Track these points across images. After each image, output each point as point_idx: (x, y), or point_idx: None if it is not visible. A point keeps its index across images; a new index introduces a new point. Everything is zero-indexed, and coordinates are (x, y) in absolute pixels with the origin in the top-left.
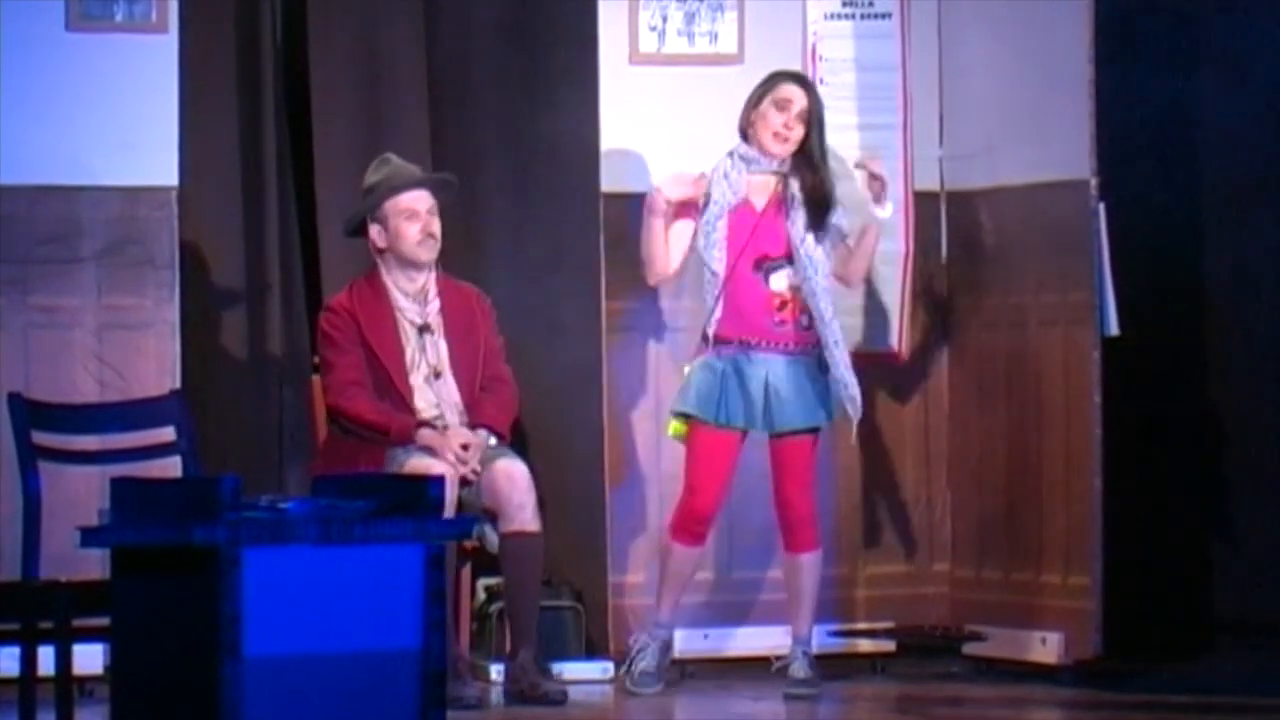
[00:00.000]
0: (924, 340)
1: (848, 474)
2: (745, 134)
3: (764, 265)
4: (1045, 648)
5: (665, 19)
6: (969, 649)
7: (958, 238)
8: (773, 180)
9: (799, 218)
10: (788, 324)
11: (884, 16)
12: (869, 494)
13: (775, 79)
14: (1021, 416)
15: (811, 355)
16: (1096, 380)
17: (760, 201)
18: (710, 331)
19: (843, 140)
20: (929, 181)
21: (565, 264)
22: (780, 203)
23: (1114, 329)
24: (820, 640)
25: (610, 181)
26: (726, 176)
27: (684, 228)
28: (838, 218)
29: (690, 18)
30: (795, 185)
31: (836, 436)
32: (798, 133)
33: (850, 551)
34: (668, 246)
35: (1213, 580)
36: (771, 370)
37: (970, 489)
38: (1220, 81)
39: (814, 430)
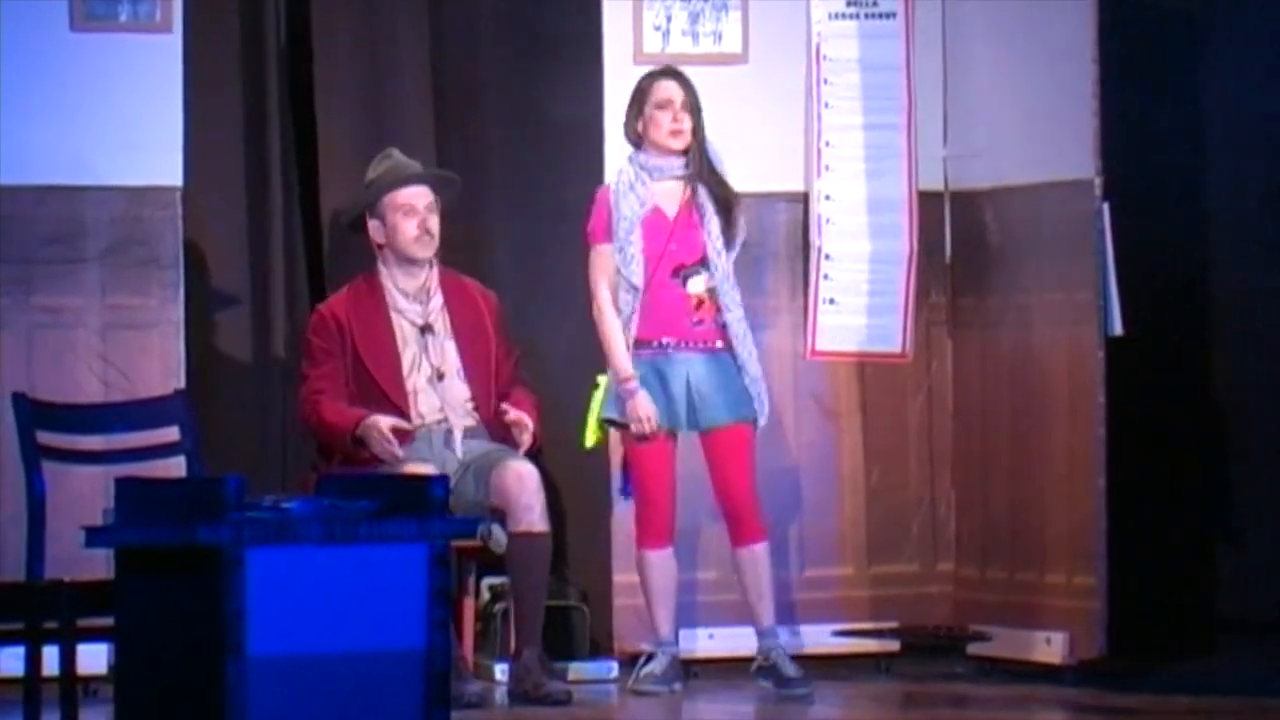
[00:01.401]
0: (928, 340)
1: (852, 474)
2: (639, 143)
3: (681, 272)
4: (1049, 648)
5: (669, 18)
6: (973, 649)
7: (962, 237)
8: (679, 186)
9: (714, 226)
10: (705, 322)
11: (888, 16)
12: (873, 494)
13: (648, 81)
14: (1025, 416)
15: (730, 351)
16: (1100, 380)
17: (671, 209)
18: (628, 337)
19: (847, 140)
20: (933, 181)
21: (569, 263)
22: (692, 209)
23: (1118, 328)
24: (824, 640)
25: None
26: (632, 189)
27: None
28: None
29: (694, 17)
30: (704, 193)
31: (841, 437)
32: (688, 122)
33: (854, 551)
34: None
35: (1217, 580)
36: (692, 369)
37: (974, 489)
38: (1225, 81)
39: (747, 422)
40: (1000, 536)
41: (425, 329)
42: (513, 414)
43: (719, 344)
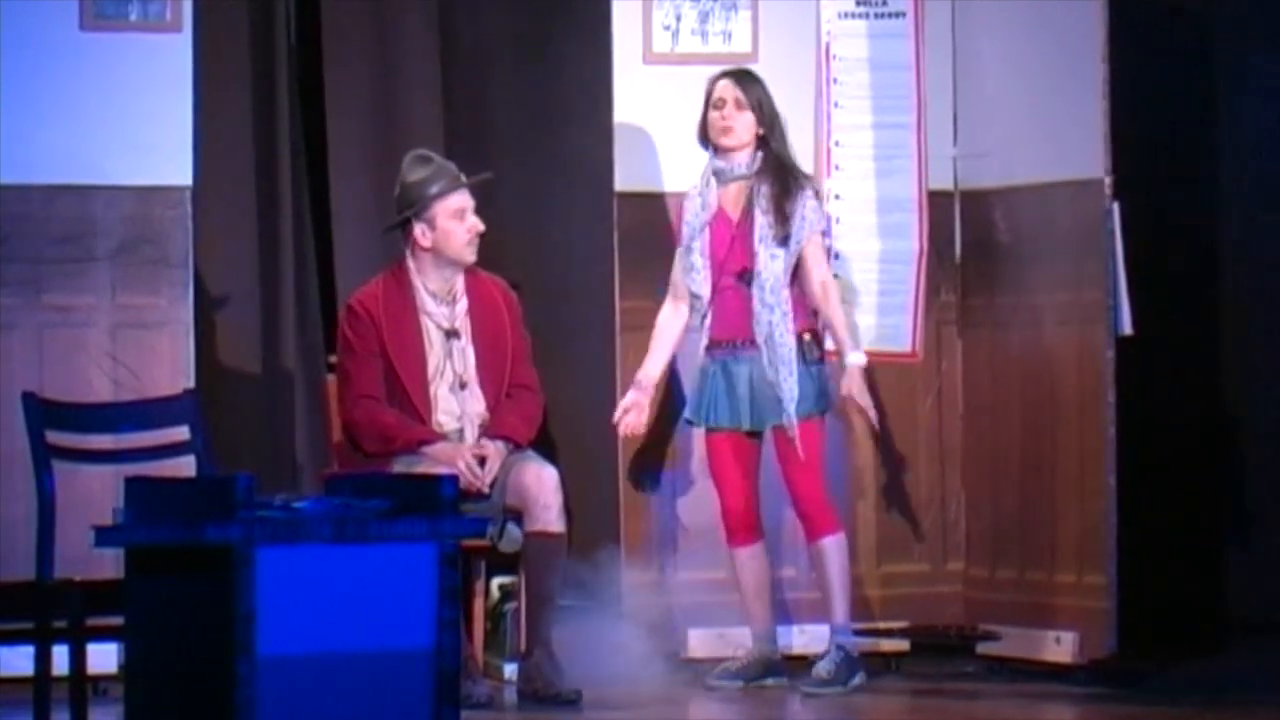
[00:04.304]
0: (938, 339)
1: (862, 473)
2: (707, 146)
3: (745, 276)
4: (1059, 647)
5: (679, 18)
6: (983, 648)
7: (972, 237)
8: (744, 187)
9: (760, 227)
10: None
11: (898, 15)
12: (883, 493)
13: (710, 82)
14: (1036, 416)
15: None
16: (1110, 379)
17: (735, 212)
18: (705, 340)
19: (857, 139)
20: (943, 181)
21: (579, 263)
22: (752, 211)
23: (1128, 328)
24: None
25: (624, 181)
26: (701, 195)
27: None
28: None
29: (704, 17)
30: (764, 191)
31: (851, 436)
32: (741, 120)
33: (865, 551)
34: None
35: (1228, 580)
36: (755, 368)
37: (985, 488)
38: (1235, 80)
39: (807, 418)
40: (1010, 536)
41: (451, 333)
42: (486, 448)
43: (761, 345)
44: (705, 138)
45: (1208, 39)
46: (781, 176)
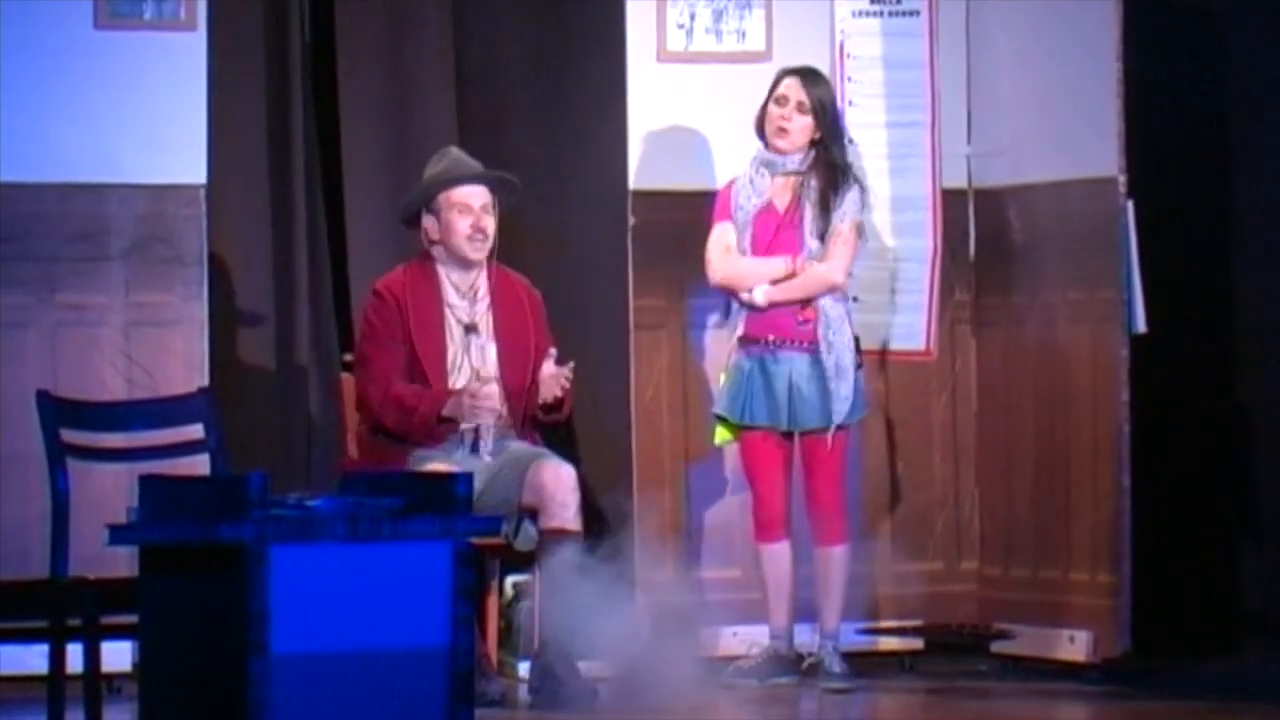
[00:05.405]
0: (952, 338)
1: (875, 472)
2: (762, 136)
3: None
4: (1073, 646)
5: (693, 17)
6: (997, 647)
7: (986, 235)
8: (794, 181)
9: (808, 220)
10: (810, 323)
11: (912, 14)
12: (897, 492)
13: (777, 76)
14: (1050, 414)
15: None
16: (1124, 378)
17: (782, 203)
18: (739, 333)
19: (871, 138)
20: (957, 179)
21: (593, 262)
22: (799, 203)
23: (1142, 326)
24: (848, 638)
25: (638, 180)
26: (751, 183)
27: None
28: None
29: (718, 15)
30: (813, 186)
31: (865, 434)
32: (799, 123)
33: (878, 549)
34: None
35: (1242, 578)
36: (795, 369)
37: (998, 487)
38: (1250, 77)
39: (844, 427)
40: (1024, 534)
41: (470, 328)
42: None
43: (822, 345)
44: (761, 129)
45: (1222, 37)
46: (831, 174)
